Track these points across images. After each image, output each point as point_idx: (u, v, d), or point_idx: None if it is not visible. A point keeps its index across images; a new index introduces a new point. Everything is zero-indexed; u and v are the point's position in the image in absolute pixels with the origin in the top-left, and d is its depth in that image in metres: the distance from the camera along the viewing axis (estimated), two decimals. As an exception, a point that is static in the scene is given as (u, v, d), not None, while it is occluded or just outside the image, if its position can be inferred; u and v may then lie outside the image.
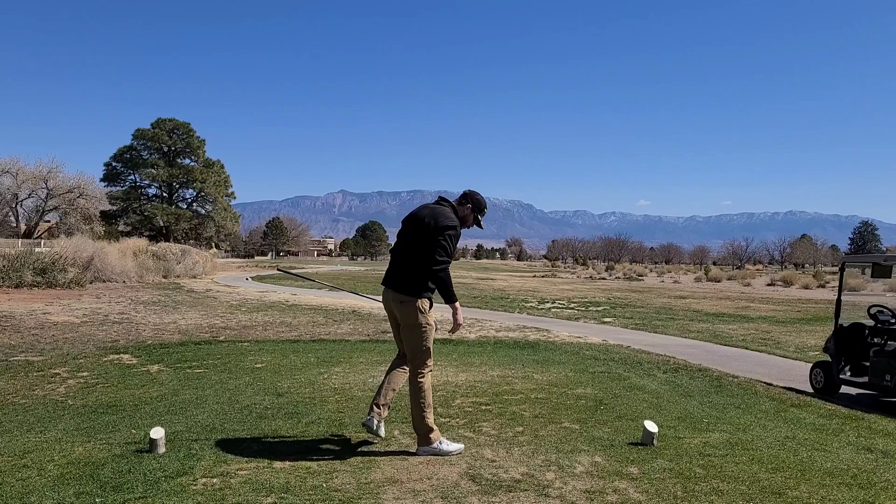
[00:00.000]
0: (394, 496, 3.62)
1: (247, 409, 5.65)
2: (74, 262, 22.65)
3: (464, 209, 4.65)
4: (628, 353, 9.80)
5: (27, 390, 6.54)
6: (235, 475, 3.90)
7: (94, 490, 3.64)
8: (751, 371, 8.52)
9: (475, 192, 4.72)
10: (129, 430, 4.95)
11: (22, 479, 3.81)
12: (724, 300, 24.17)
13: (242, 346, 9.74)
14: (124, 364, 8.12)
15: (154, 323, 12.77)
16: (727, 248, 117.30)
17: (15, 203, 44.81)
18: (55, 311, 13.98)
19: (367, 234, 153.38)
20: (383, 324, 13.27)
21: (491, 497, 3.65)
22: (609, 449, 4.59)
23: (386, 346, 10.10)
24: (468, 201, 4.67)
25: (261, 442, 4.62)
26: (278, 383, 6.85)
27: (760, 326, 14.37)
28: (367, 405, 5.83)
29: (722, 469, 4.19)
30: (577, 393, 6.56)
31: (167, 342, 10.14)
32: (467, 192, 4.74)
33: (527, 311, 17.45)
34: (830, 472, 4.21)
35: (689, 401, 6.51)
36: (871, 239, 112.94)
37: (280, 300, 19.26)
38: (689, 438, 4.94)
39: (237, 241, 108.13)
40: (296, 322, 13.33)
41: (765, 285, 39.57)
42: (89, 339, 10.32)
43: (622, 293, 27.70)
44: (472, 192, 4.72)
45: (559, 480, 3.92)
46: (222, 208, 67.32)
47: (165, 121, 64.78)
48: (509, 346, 10.39)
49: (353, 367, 7.88)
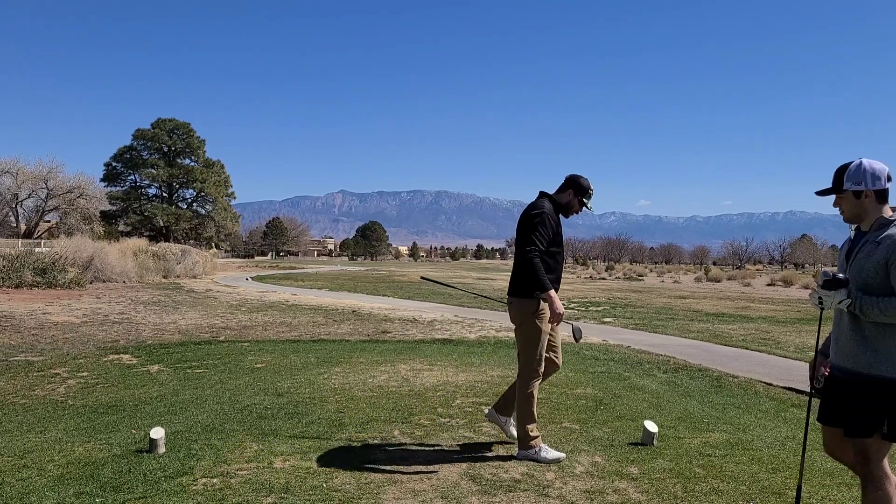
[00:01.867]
0: (394, 496, 3.62)
1: (247, 409, 5.65)
2: (74, 262, 22.65)
3: (566, 195, 4.48)
4: (628, 353, 9.79)
5: (27, 390, 6.54)
6: (235, 475, 3.90)
7: (94, 490, 3.64)
8: (751, 371, 8.51)
9: (576, 175, 4.52)
10: (129, 430, 4.95)
11: (22, 479, 3.81)
12: (724, 300, 24.17)
13: (242, 346, 9.74)
14: (124, 364, 8.12)
15: (154, 323, 12.77)
16: (727, 248, 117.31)
17: (15, 203, 44.81)
18: (55, 311, 13.99)
19: (367, 234, 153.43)
20: (383, 323, 13.28)
21: (491, 497, 3.65)
22: (609, 449, 4.59)
23: (386, 346, 10.10)
24: (569, 186, 4.49)
25: (261, 442, 4.62)
26: (278, 383, 6.86)
27: (760, 326, 14.37)
28: (366, 404, 5.84)
29: (722, 469, 4.20)
30: (577, 393, 6.56)
31: (167, 342, 10.14)
32: (568, 177, 4.54)
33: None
34: (830, 472, 4.21)
35: (689, 401, 6.51)
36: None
37: (280, 300, 19.27)
38: (689, 438, 4.94)
39: (237, 242, 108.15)
40: (296, 322, 13.33)
41: (765, 285, 39.56)
42: (89, 339, 10.32)
43: (622, 293, 27.70)
44: (572, 177, 4.52)
45: (559, 480, 3.92)
46: (222, 208, 67.34)
47: (165, 121, 64.80)
48: (509, 345, 10.39)
49: (353, 367, 7.88)
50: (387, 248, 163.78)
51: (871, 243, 2.78)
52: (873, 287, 2.73)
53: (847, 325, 2.79)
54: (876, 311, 2.65)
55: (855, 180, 2.83)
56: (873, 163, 2.83)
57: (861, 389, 2.73)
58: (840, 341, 2.84)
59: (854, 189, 2.83)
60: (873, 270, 2.73)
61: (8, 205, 44.61)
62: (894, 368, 2.66)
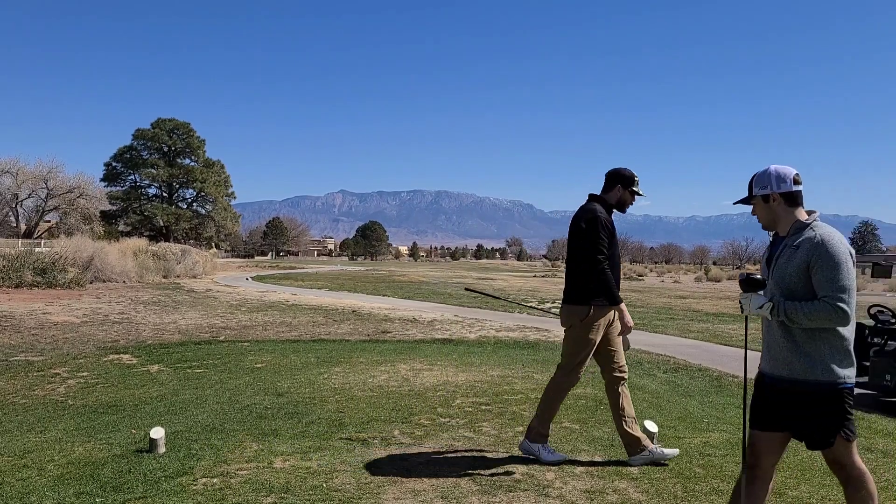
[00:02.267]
0: (394, 496, 3.62)
1: (247, 409, 5.65)
2: (74, 262, 22.64)
3: (615, 192, 4.39)
4: (628, 352, 9.77)
5: (27, 390, 6.54)
6: (235, 475, 3.90)
7: (94, 490, 3.64)
8: (751, 371, 8.52)
9: (616, 169, 4.43)
10: (129, 430, 4.95)
11: (22, 479, 3.81)
12: (724, 300, 24.17)
13: (242, 346, 9.74)
14: (124, 364, 8.12)
15: (154, 323, 12.77)
16: (727, 248, 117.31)
17: (15, 203, 44.80)
18: (55, 311, 13.98)
19: (367, 234, 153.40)
20: (383, 324, 13.28)
21: (491, 497, 3.65)
22: (609, 449, 4.59)
23: (386, 346, 10.10)
24: (615, 182, 4.39)
25: (261, 442, 4.62)
26: (278, 383, 6.86)
27: (760, 326, 14.38)
28: (366, 404, 5.84)
29: (722, 469, 4.19)
30: (577, 393, 6.56)
31: (167, 342, 10.14)
32: (609, 173, 4.43)
33: (527, 311, 17.45)
34: (830, 472, 4.20)
35: (689, 401, 6.51)
36: (871, 239, 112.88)
37: (280, 300, 19.27)
38: (689, 438, 4.94)
39: (237, 241, 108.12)
40: (296, 322, 13.33)
41: (765, 285, 39.53)
42: (89, 339, 10.32)
43: (622, 293, 27.68)
44: (614, 172, 4.42)
45: (559, 480, 3.92)
46: (222, 208, 67.31)
47: (165, 121, 64.77)
48: (509, 346, 10.39)
49: (353, 367, 7.88)
50: (387, 248, 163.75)
51: (789, 248, 2.77)
52: (797, 292, 2.72)
53: (777, 332, 2.77)
54: (801, 316, 2.64)
55: (761, 185, 2.85)
56: (780, 167, 2.84)
57: (802, 397, 2.70)
58: (772, 349, 2.81)
59: (762, 194, 2.85)
60: (795, 275, 2.72)
61: (8, 205, 44.61)
62: (829, 372, 2.66)
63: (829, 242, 2.65)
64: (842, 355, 2.68)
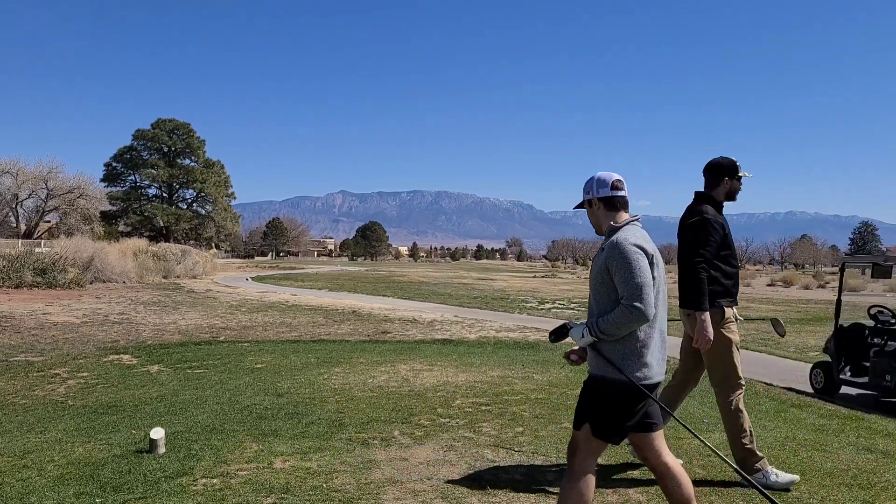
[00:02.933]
0: (394, 496, 3.62)
1: (247, 410, 5.65)
2: (74, 262, 22.65)
3: (723, 185, 4.18)
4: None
5: (27, 390, 6.54)
6: (235, 475, 3.90)
7: (94, 490, 3.64)
8: (751, 371, 8.49)
9: (713, 161, 4.22)
10: (129, 431, 4.95)
11: (22, 480, 3.81)
12: (724, 300, 24.15)
13: (242, 347, 9.74)
14: (124, 364, 8.12)
15: (154, 323, 12.77)
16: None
17: (15, 203, 44.82)
18: (55, 312, 13.99)
19: (368, 234, 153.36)
20: (383, 324, 13.28)
21: (491, 497, 3.65)
22: (609, 449, 4.58)
23: (386, 346, 10.10)
24: (720, 174, 4.17)
25: (261, 442, 4.62)
26: (278, 383, 6.85)
27: (760, 326, 14.35)
28: (366, 404, 5.83)
29: (722, 469, 4.19)
30: (578, 393, 6.56)
31: (167, 342, 10.14)
32: (709, 166, 4.22)
33: (527, 312, 17.45)
34: (830, 472, 4.21)
35: (689, 401, 6.49)
36: (871, 239, 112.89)
37: (280, 300, 19.27)
38: (690, 438, 4.93)
39: (237, 242, 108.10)
40: (296, 322, 13.33)
41: (765, 285, 39.55)
42: (89, 339, 10.32)
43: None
44: (715, 164, 4.20)
45: (559, 481, 3.91)
46: (222, 208, 67.33)
47: (165, 121, 64.80)
48: (509, 346, 10.39)
49: (353, 368, 7.88)
50: (387, 249, 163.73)
51: (600, 250, 2.89)
52: (601, 294, 2.82)
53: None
54: (610, 327, 2.73)
55: (585, 190, 3.01)
56: (604, 173, 2.97)
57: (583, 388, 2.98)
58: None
59: (585, 199, 3.00)
60: (598, 278, 2.82)
61: (8, 205, 44.62)
62: (603, 368, 2.82)
63: (621, 244, 2.76)
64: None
